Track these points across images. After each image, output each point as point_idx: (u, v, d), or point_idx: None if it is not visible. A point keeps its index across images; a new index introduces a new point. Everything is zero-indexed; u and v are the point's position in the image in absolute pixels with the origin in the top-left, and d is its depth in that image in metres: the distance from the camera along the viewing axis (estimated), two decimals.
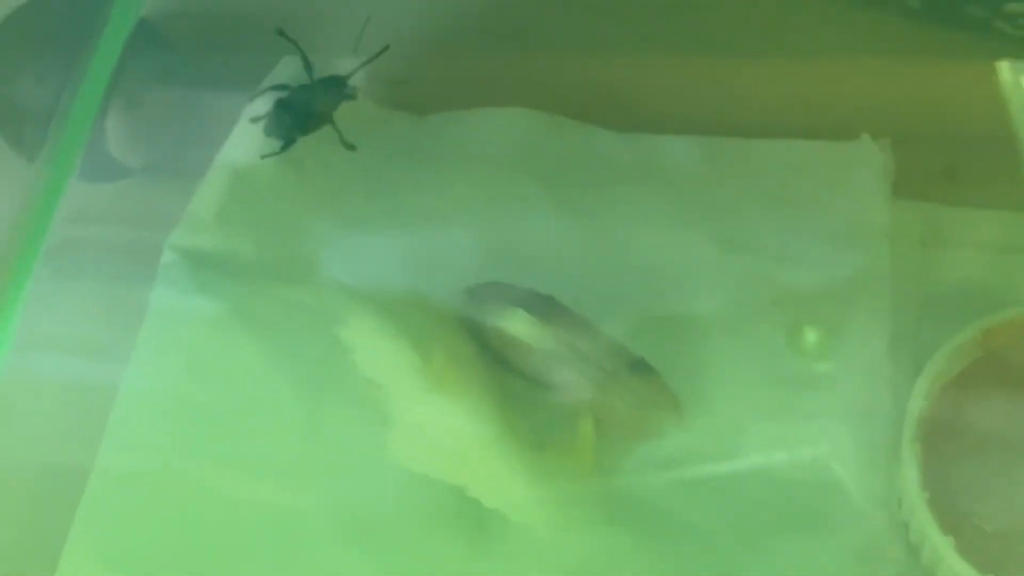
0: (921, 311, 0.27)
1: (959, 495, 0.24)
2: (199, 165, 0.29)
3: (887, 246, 0.27)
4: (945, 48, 0.31)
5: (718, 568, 0.25)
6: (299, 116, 0.29)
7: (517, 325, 0.26)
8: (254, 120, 0.29)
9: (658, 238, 0.28)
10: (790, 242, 0.28)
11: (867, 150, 0.28)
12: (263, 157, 0.28)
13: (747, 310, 0.27)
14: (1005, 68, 0.30)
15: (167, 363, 0.27)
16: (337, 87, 0.29)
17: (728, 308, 0.27)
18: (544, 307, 0.26)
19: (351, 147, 0.29)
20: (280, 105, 0.29)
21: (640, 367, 0.26)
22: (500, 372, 0.26)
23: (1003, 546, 0.23)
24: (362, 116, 0.29)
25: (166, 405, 0.26)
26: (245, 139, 0.29)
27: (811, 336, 0.25)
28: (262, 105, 0.29)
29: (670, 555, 0.25)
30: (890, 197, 0.28)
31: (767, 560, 0.25)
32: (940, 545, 0.23)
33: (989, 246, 0.28)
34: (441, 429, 0.25)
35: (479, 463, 0.25)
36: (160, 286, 0.27)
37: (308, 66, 0.29)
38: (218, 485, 0.25)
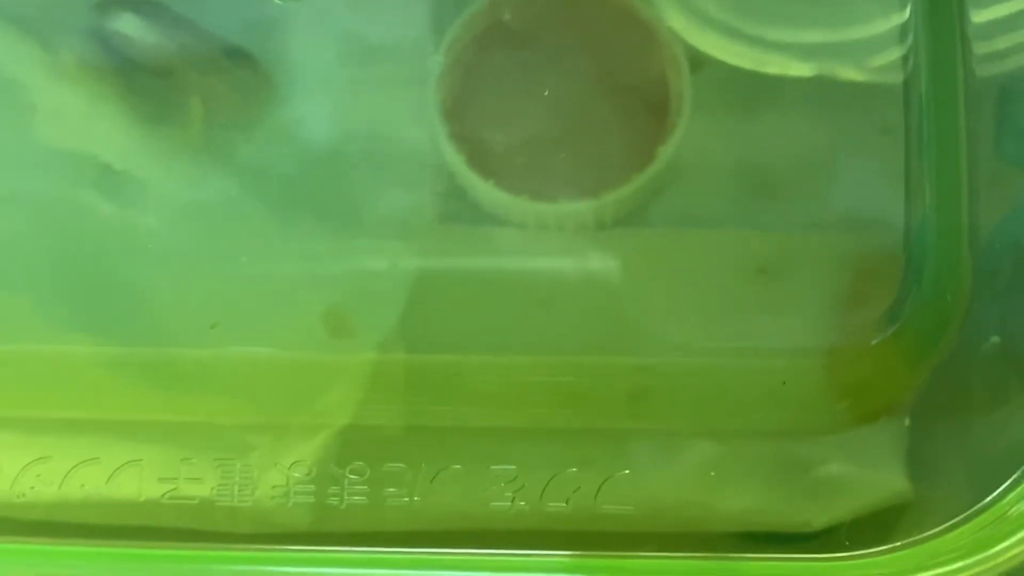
0: None
1: (470, 126, 0.32)
2: None
3: None
4: None
5: (310, 201, 0.33)
6: None
7: (127, 25, 0.32)
8: None
9: None
10: None
11: None
12: None
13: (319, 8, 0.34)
14: None
15: None
16: None
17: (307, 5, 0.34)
18: (152, 10, 0.33)
19: None
20: None
21: (237, 55, 0.33)
22: (123, 66, 0.33)
23: (500, 160, 0.32)
24: None
25: None
26: None
27: None
28: None
29: (265, 192, 0.32)
30: None
31: (350, 193, 0.33)
32: (456, 161, 0.31)
33: None
34: (74, 111, 0.32)
35: (108, 133, 0.32)
36: None
37: None
38: None
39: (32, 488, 0.28)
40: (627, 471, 0.29)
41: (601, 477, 0.29)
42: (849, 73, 0.33)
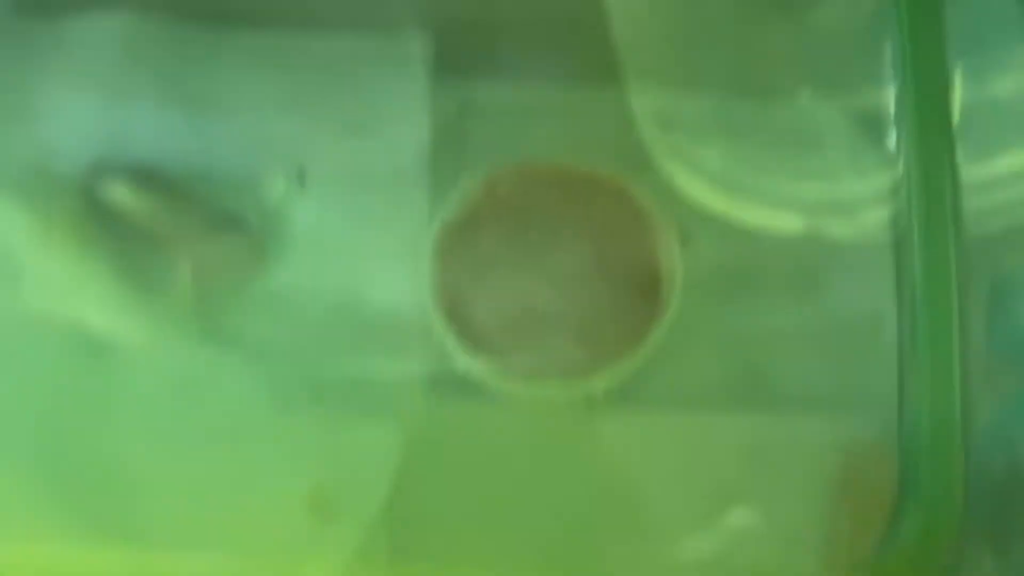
0: (457, 171, 0.35)
1: (462, 303, 0.32)
2: None
3: (427, 116, 0.35)
4: None
5: (299, 374, 0.32)
6: None
7: (120, 193, 0.32)
8: None
9: (258, 121, 0.35)
10: (358, 117, 0.36)
11: (412, 38, 0.36)
12: None
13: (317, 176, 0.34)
14: None
15: None
16: None
17: (305, 173, 0.34)
18: (146, 178, 0.33)
19: None
20: None
21: (229, 223, 0.33)
22: (114, 233, 0.32)
23: (490, 338, 0.32)
24: None
25: None
26: None
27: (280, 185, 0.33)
28: None
29: (255, 365, 0.32)
30: (432, 76, 0.36)
31: (339, 365, 0.32)
32: (447, 339, 0.31)
33: (517, 114, 0.36)
34: (64, 278, 0.32)
35: (97, 306, 0.31)
36: None
37: None
38: None
39: None
40: None
41: None
42: (838, 229, 0.34)
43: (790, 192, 0.34)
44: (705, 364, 0.32)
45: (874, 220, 0.34)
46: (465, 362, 0.31)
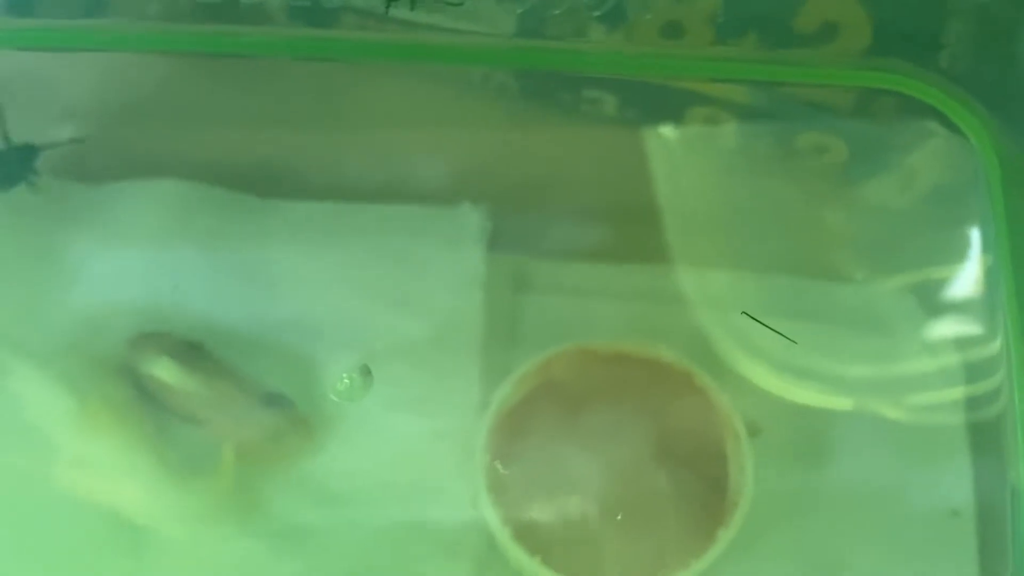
0: (509, 348, 0.34)
1: (517, 494, 0.30)
2: None
3: (481, 292, 0.34)
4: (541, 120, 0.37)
5: (342, 566, 0.30)
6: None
7: (165, 371, 0.31)
8: None
9: (306, 293, 0.34)
10: (409, 291, 0.34)
11: (468, 213, 0.35)
12: None
13: (367, 351, 0.32)
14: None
15: None
16: (30, 156, 0.34)
17: (352, 350, 0.33)
18: (191, 354, 0.31)
19: None
20: None
21: (276, 401, 0.32)
22: (155, 411, 0.31)
23: (547, 533, 0.30)
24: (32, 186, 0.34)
25: None
26: None
27: (345, 381, 0.32)
28: None
29: (299, 559, 0.30)
30: (486, 252, 0.35)
31: (385, 561, 0.31)
32: (500, 533, 0.29)
33: (570, 292, 0.35)
34: (99, 461, 0.30)
35: (133, 488, 0.30)
36: None
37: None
38: None
39: None
40: None
41: None
42: (889, 410, 0.32)
43: (844, 372, 0.33)
44: (774, 564, 0.30)
45: (931, 400, 0.33)
46: (519, 561, 0.29)
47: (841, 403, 0.32)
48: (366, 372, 0.31)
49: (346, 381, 0.31)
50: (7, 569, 0.29)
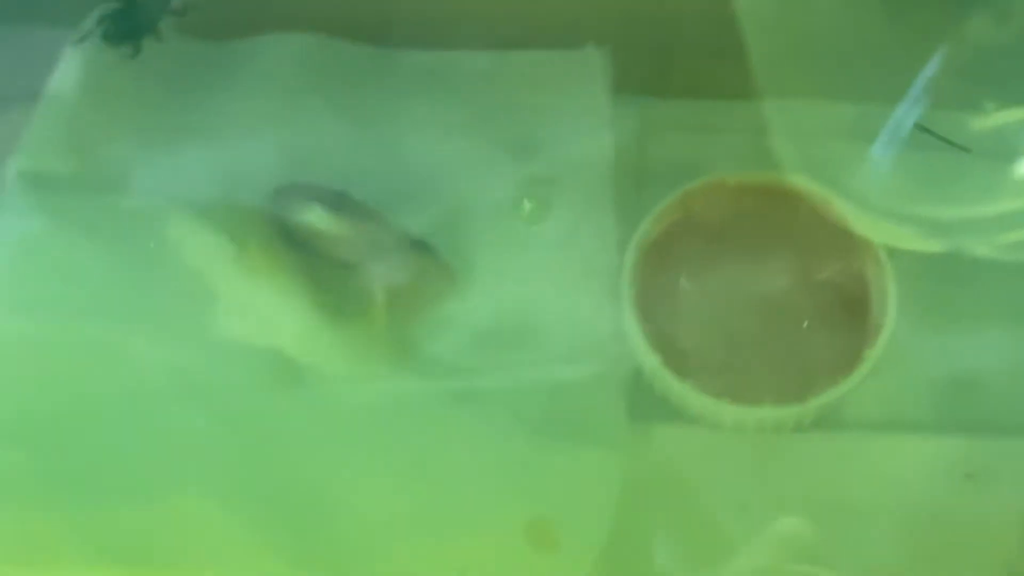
0: (639, 186, 0.34)
1: (664, 323, 0.31)
2: (28, 94, 0.34)
3: (610, 135, 0.34)
4: None
5: (478, 391, 0.31)
6: (136, 19, 0.34)
7: (315, 217, 0.32)
8: (81, 39, 0.34)
9: (434, 141, 0.35)
10: (536, 136, 0.35)
11: (591, 56, 0.35)
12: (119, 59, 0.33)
13: (500, 196, 0.33)
14: None
15: (16, 265, 0.32)
16: (157, 9, 0.35)
17: (487, 194, 0.34)
18: (338, 201, 0.32)
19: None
20: (117, 13, 0.34)
21: (420, 247, 0.32)
22: (306, 257, 0.32)
23: (696, 359, 0.31)
24: (167, 45, 0.35)
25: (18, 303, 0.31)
26: (72, 66, 0.34)
27: (527, 205, 0.32)
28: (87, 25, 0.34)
29: (455, 391, 0.31)
30: (611, 94, 0.35)
31: (540, 391, 0.31)
32: (650, 361, 0.30)
33: (695, 129, 0.35)
34: (259, 304, 0.31)
35: (292, 329, 0.31)
36: (5, 207, 0.32)
37: None
38: (71, 363, 0.30)
39: None
40: None
41: None
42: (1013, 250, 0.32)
43: (936, 214, 0.33)
44: (914, 383, 0.31)
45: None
46: (669, 387, 0.30)
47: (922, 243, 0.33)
48: (544, 200, 0.32)
49: (528, 205, 0.32)
50: (174, 411, 0.30)
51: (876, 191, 0.33)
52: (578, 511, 0.29)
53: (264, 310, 0.31)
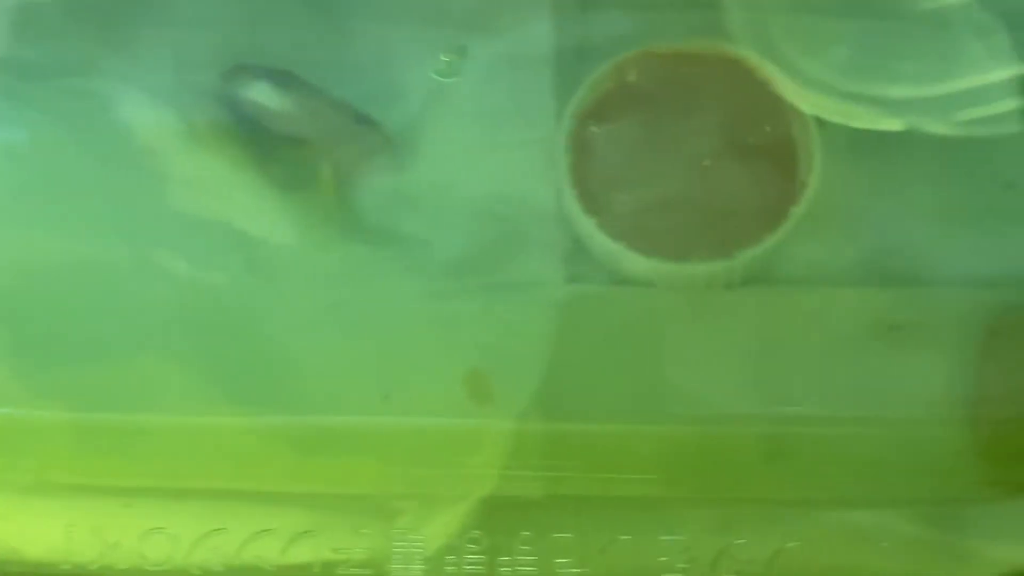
0: (580, 60, 0.35)
1: (599, 188, 0.32)
2: None
3: (548, 9, 0.35)
4: None
5: (444, 264, 0.33)
6: None
7: (261, 94, 0.33)
8: None
9: (381, 20, 0.36)
10: (477, 12, 0.36)
11: None
12: None
13: (441, 69, 0.34)
14: None
15: None
16: None
17: (428, 69, 0.35)
18: (284, 79, 0.33)
19: None
20: None
21: (364, 120, 0.34)
22: (254, 134, 0.33)
23: (630, 221, 0.32)
24: None
25: None
26: None
27: (461, 77, 0.34)
28: None
29: (402, 257, 0.33)
30: None
31: (482, 255, 0.33)
32: (586, 224, 0.32)
33: (635, 3, 0.36)
34: (209, 179, 0.32)
35: (243, 202, 0.32)
36: None
37: None
38: (33, 238, 0.32)
39: (208, 559, 0.29)
40: (797, 543, 0.29)
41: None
42: (970, 126, 0.33)
43: (914, 95, 0.34)
44: (841, 239, 0.32)
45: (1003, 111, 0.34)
46: (605, 247, 0.32)
47: (913, 120, 0.34)
48: (462, 51, 0.33)
49: (444, 59, 0.33)
50: (132, 281, 0.32)
51: (816, 63, 0.34)
52: (512, 364, 0.30)
53: (215, 184, 0.32)
